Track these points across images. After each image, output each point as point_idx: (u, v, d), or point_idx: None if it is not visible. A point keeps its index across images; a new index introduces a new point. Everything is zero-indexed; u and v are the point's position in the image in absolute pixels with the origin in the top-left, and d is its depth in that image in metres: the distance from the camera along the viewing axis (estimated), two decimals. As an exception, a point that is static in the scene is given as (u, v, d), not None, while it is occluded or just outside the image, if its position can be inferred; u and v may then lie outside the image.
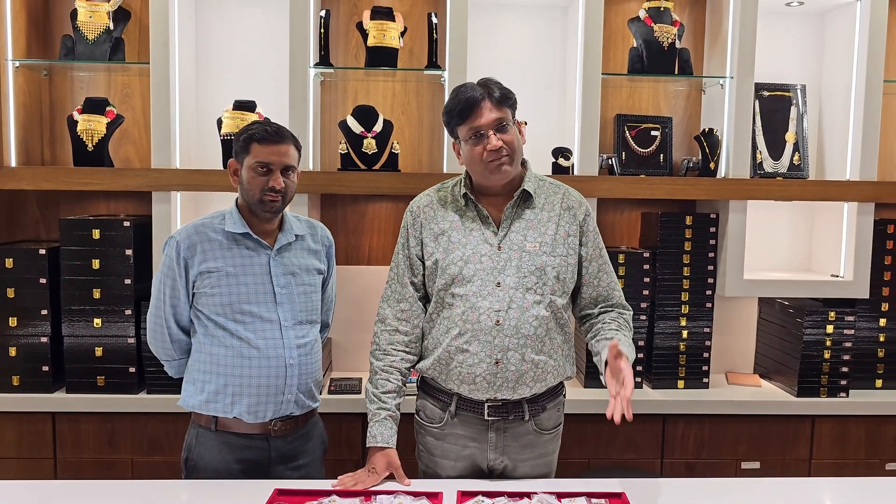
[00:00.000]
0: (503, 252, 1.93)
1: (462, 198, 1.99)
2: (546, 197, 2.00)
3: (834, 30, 3.08)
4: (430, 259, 1.98)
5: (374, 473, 1.93)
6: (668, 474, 2.81)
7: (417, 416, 2.08)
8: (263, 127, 1.97)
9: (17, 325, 2.70)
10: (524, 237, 1.94)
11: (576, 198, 2.03)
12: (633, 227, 3.19)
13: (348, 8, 3.05)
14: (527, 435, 1.99)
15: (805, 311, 2.86)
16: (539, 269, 1.92)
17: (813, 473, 2.85)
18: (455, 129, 1.94)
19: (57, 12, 3.00)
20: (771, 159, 3.04)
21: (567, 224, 1.98)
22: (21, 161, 2.85)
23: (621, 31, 3.09)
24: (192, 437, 2.05)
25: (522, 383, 1.92)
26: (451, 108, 1.92)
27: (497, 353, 1.89)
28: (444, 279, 1.94)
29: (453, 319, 1.93)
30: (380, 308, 2.06)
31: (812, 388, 2.88)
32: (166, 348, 2.06)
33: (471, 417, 1.97)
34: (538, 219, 1.97)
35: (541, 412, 1.99)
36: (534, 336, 1.91)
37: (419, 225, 2.01)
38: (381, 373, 2.00)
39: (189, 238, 2.00)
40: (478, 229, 1.96)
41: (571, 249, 1.97)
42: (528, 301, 1.91)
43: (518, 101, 1.97)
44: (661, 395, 2.86)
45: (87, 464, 2.73)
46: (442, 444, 2.01)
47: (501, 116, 1.89)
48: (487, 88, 1.89)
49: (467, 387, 1.93)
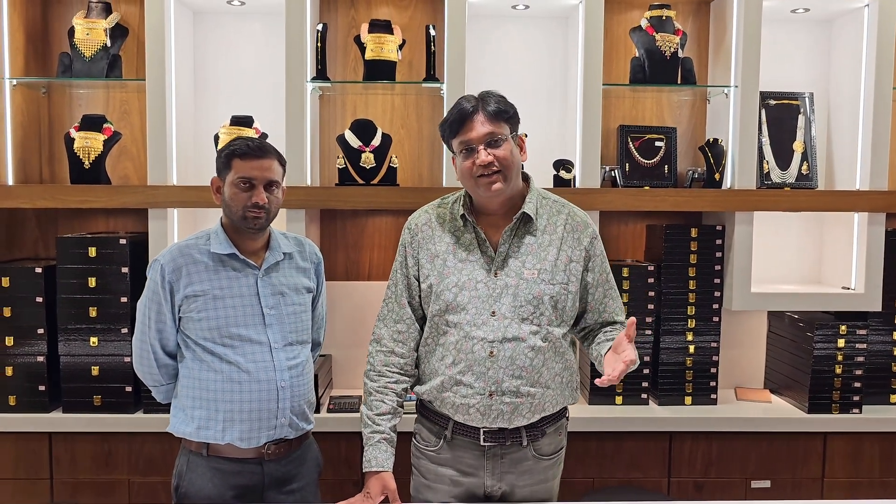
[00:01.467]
0: (499, 279, 1.85)
1: (460, 218, 1.92)
2: (548, 218, 1.91)
3: (841, 36, 3.02)
4: (425, 281, 1.92)
5: (368, 498, 1.88)
6: (675, 494, 2.74)
7: (414, 438, 2.03)
8: (245, 142, 1.93)
9: (13, 344, 2.68)
10: (522, 263, 1.86)
11: (581, 219, 1.94)
12: (638, 239, 3.13)
13: (346, 21, 3.03)
14: (525, 461, 1.92)
15: (815, 324, 2.79)
16: (536, 298, 1.84)
17: (826, 492, 2.76)
18: (450, 143, 1.88)
19: (55, 30, 2.99)
20: (778, 169, 2.97)
21: (570, 248, 1.90)
22: (19, 179, 2.84)
23: (623, 41, 3.04)
24: (183, 463, 2.00)
25: (518, 415, 1.86)
26: (445, 121, 1.87)
27: (491, 385, 1.83)
28: (439, 305, 1.88)
29: (448, 347, 1.88)
30: (375, 327, 2.01)
31: (824, 403, 2.80)
32: (153, 374, 2.01)
33: (467, 443, 1.91)
34: (539, 243, 1.88)
35: (540, 437, 1.92)
36: (529, 367, 1.84)
37: (417, 244, 1.95)
38: (375, 394, 1.94)
39: (174, 261, 1.96)
40: (474, 254, 1.89)
41: (573, 276, 1.89)
42: (524, 331, 1.83)
43: (519, 113, 1.90)
44: (668, 411, 2.79)
45: (83, 484, 2.69)
46: (437, 468, 1.95)
47: (494, 131, 1.81)
48: (483, 101, 1.83)
49: (462, 415, 1.88)
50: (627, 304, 2.83)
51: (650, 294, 2.84)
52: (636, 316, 2.79)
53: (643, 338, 2.85)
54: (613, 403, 2.85)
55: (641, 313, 2.84)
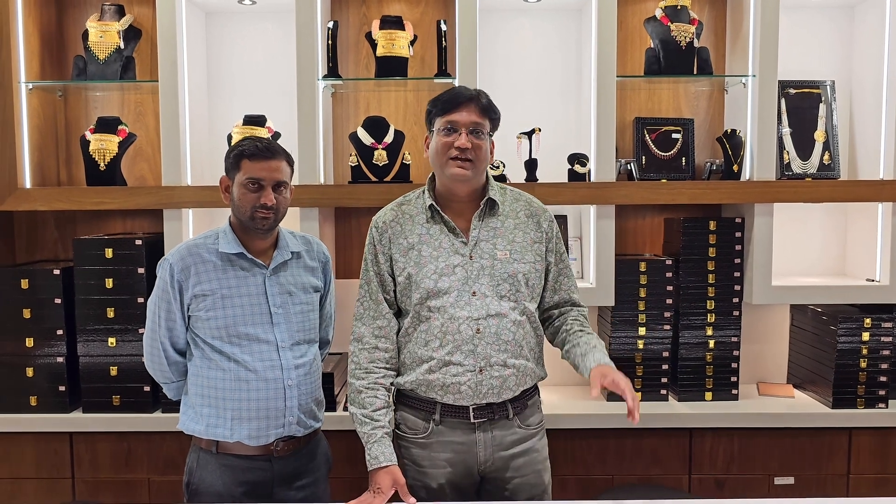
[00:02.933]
0: (475, 261, 1.95)
1: (428, 209, 1.98)
2: (510, 205, 2.04)
3: (864, 22, 2.95)
4: (401, 274, 1.98)
5: (380, 494, 1.88)
6: (696, 491, 2.70)
7: (398, 429, 2.05)
8: (254, 143, 1.93)
9: (33, 345, 2.71)
10: (494, 245, 1.97)
11: (538, 205, 2.08)
12: (656, 233, 3.09)
13: (357, 18, 3.02)
14: (513, 430, 1.98)
15: (839, 317, 2.73)
16: (511, 276, 1.95)
17: (851, 489, 2.70)
18: (433, 120, 1.96)
19: (70, 33, 3.02)
20: (799, 159, 2.91)
21: (532, 231, 2.02)
22: (36, 182, 2.87)
23: (638, 32, 3.00)
24: (193, 460, 2.01)
25: (506, 388, 1.94)
26: (437, 98, 1.96)
27: (480, 361, 1.91)
28: (420, 293, 1.95)
29: (432, 332, 1.94)
30: (355, 327, 2.04)
31: (848, 398, 2.74)
32: (164, 371, 2.03)
33: (457, 423, 1.96)
34: (505, 227, 2.00)
35: (523, 409, 2.01)
36: (513, 341, 1.94)
37: (386, 241, 2.01)
38: (366, 391, 1.97)
39: (183, 260, 1.97)
40: (447, 241, 1.97)
41: (538, 256, 2.01)
42: (505, 307, 1.94)
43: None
44: (688, 407, 2.75)
45: (104, 483, 2.72)
46: (429, 453, 1.98)
47: (480, 122, 1.93)
48: (478, 94, 1.95)
49: (452, 396, 1.93)
50: (646, 300, 2.79)
51: (668, 288, 2.80)
52: (655, 310, 2.78)
53: (662, 332, 2.81)
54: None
55: (660, 308, 2.80)
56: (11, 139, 2.74)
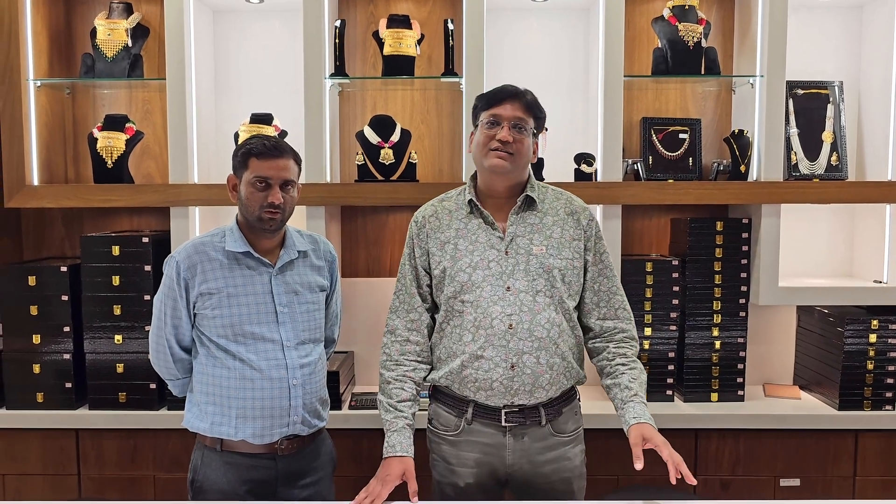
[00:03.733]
0: (510, 256, 1.93)
1: (467, 204, 1.98)
2: (550, 203, 2.02)
3: (872, 23, 2.93)
4: (437, 268, 1.98)
5: (387, 481, 1.86)
6: (701, 492, 2.69)
7: (430, 424, 2.05)
8: (262, 141, 1.93)
9: (40, 342, 2.72)
10: (530, 241, 1.95)
11: (578, 203, 2.05)
12: (662, 234, 3.08)
13: (365, 17, 3.02)
14: (545, 439, 1.96)
15: (846, 318, 2.72)
16: (547, 272, 1.93)
17: (858, 491, 2.69)
18: (478, 115, 1.97)
19: (78, 31, 3.03)
20: (807, 160, 2.90)
21: (571, 228, 1.99)
22: (44, 179, 2.88)
23: (646, 32, 2.99)
24: (198, 458, 2.02)
25: (539, 386, 1.91)
26: (483, 94, 1.99)
27: (512, 356, 1.89)
28: (454, 287, 1.94)
29: (465, 326, 1.93)
30: (388, 319, 2.06)
31: (855, 400, 2.73)
32: (169, 368, 2.04)
33: (487, 423, 1.95)
34: (543, 223, 1.98)
35: (557, 416, 1.97)
36: (547, 339, 1.91)
37: (424, 235, 2.02)
38: (394, 382, 1.98)
39: (189, 258, 1.97)
40: (484, 235, 1.96)
41: (577, 253, 1.98)
42: (539, 304, 1.91)
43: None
44: (694, 408, 2.74)
45: (110, 480, 2.73)
46: (458, 451, 1.97)
47: (523, 117, 1.92)
48: (524, 91, 1.96)
49: (484, 393, 1.92)
50: (652, 300, 2.79)
51: (675, 289, 2.79)
52: (661, 311, 2.78)
53: (668, 333, 2.80)
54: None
55: (666, 309, 2.79)
56: (19, 136, 2.75)
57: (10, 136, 2.75)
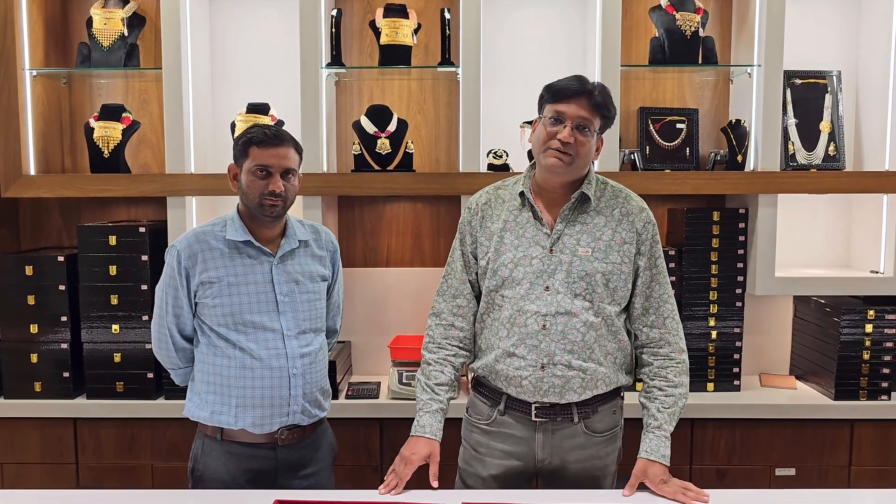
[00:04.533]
0: (554, 255, 1.89)
1: (519, 196, 1.95)
2: (605, 202, 1.94)
3: (870, 12, 2.92)
4: (483, 258, 1.97)
5: (412, 462, 1.87)
6: (697, 481, 2.66)
7: (467, 412, 2.06)
8: (262, 130, 1.93)
9: (37, 331, 2.73)
10: (577, 241, 1.90)
11: (636, 204, 1.96)
12: (660, 224, 3.05)
13: (361, 6, 3.01)
14: (576, 437, 1.94)
15: (842, 309, 2.72)
16: (588, 275, 1.88)
17: (853, 480, 2.70)
18: (543, 105, 1.89)
19: (74, 20, 3.02)
20: (804, 150, 2.89)
21: (624, 231, 1.92)
22: (41, 169, 2.88)
23: (643, 22, 2.98)
24: (198, 447, 2.02)
25: (569, 389, 1.89)
26: (550, 85, 1.88)
27: (543, 358, 1.87)
28: (495, 280, 1.93)
29: (502, 322, 1.92)
30: (435, 302, 2.05)
31: (851, 390, 2.73)
32: (171, 357, 2.04)
33: (519, 417, 1.95)
34: (594, 223, 1.91)
35: (591, 414, 1.94)
36: (581, 343, 1.87)
37: (477, 223, 1.99)
38: (434, 364, 1.99)
39: (190, 247, 1.97)
40: (531, 230, 1.92)
41: (626, 257, 1.91)
42: (577, 307, 1.87)
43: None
44: (690, 398, 2.67)
45: (108, 469, 2.74)
46: (488, 440, 1.98)
47: (589, 118, 1.84)
48: (594, 89, 1.85)
49: (514, 389, 1.91)
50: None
51: (671, 279, 2.79)
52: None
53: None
54: (634, 390, 2.80)
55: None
56: (16, 126, 2.75)
57: (6, 125, 2.74)
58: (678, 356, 1.97)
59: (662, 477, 1.86)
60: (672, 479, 1.86)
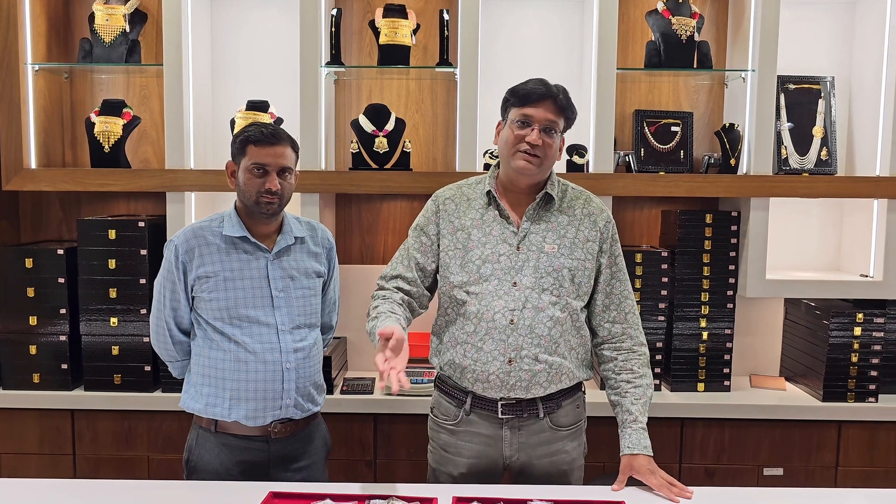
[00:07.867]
0: (521, 252, 1.94)
1: (485, 195, 2.00)
2: (568, 202, 2.01)
3: (864, 19, 2.96)
4: (445, 252, 2.00)
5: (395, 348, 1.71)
6: (686, 480, 2.70)
7: (432, 413, 2.09)
8: (259, 128, 1.97)
9: (37, 323, 2.76)
10: (543, 238, 1.96)
11: (597, 205, 2.04)
12: (653, 225, 3.11)
13: (361, 6, 3.04)
14: (542, 432, 1.99)
15: (832, 312, 2.76)
16: (556, 271, 1.94)
17: (839, 481, 2.74)
18: (508, 109, 1.95)
19: (77, 16, 3.05)
20: (797, 155, 2.93)
21: (587, 229, 1.99)
22: (42, 163, 2.91)
23: (640, 25, 3.01)
24: (193, 438, 2.06)
25: (536, 383, 1.93)
26: (516, 89, 1.93)
27: (510, 351, 1.91)
28: (462, 277, 1.96)
29: (468, 317, 1.95)
30: (384, 271, 2.07)
31: (839, 392, 2.77)
32: (169, 350, 2.08)
33: (485, 415, 1.98)
34: (559, 221, 1.98)
35: (556, 409, 1.99)
36: (548, 337, 1.92)
37: (441, 214, 2.02)
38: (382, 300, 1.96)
39: (187, 242, 2.01)
40: (498, 229, 1.97)
41: (589, 254, 1.98)
42: (544, 301, 1.92)
43: None
44: (680, 398, 2.79)
45: (105, 461, 2.77)
46: (456, 440, 2.01)
47: (555, 120, 1.91)
48: (558, 92, 1.92)
49: (481, 385, 1.94)
50: (641, 290, 2.82)
51: (664, 280, 2.83)
52: (650, 301, 2.81)
53: (656, 323, 2.84)
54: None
55: (655, 299, 2.83)
56: (17, 120, 2.77)
57: (8, 119, 2.77)
58: (640, 349, 2.04)
59: (649, 467, 1.92)
60: (658, 470, 1.93)
